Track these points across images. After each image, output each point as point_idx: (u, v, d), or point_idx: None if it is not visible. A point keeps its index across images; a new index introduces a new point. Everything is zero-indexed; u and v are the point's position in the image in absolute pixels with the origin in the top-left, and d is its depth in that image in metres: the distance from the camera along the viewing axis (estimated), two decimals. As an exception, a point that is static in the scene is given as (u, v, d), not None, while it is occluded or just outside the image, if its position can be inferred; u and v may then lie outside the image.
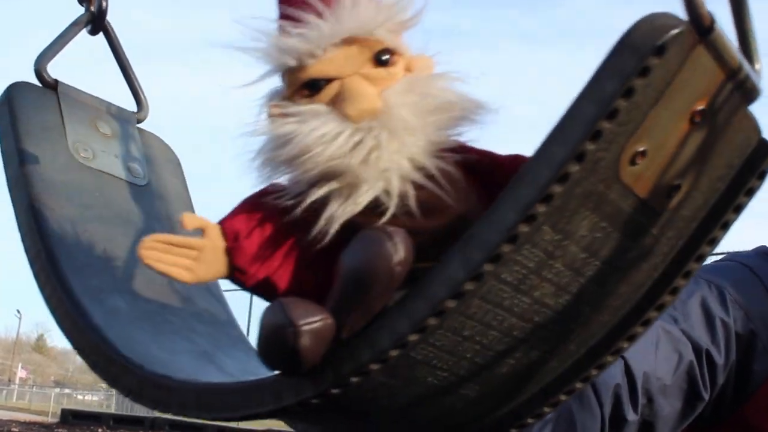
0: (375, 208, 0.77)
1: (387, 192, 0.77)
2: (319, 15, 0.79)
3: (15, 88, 1.33)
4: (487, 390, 0.81)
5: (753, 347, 1.43)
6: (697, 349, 1.38)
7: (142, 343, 1.01)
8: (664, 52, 0.61)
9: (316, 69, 0.80)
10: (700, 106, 0.68)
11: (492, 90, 0.84)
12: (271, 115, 0.82)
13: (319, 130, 0.77)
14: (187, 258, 0.79)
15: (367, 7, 0.80)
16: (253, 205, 0.83)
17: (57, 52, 1.45)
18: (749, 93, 0.72)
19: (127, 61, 1.60)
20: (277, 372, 0.76)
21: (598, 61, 0.63)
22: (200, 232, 0.81)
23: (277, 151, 0.79)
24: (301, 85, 0.81)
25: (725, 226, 0.78)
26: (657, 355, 1.34)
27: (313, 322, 0.70)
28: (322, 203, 0.78)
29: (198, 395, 0.83)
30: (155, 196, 1.41)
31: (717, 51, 0.66)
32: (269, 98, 0.84)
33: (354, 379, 0.70)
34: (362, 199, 0.77)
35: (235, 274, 0.82)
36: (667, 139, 0.68)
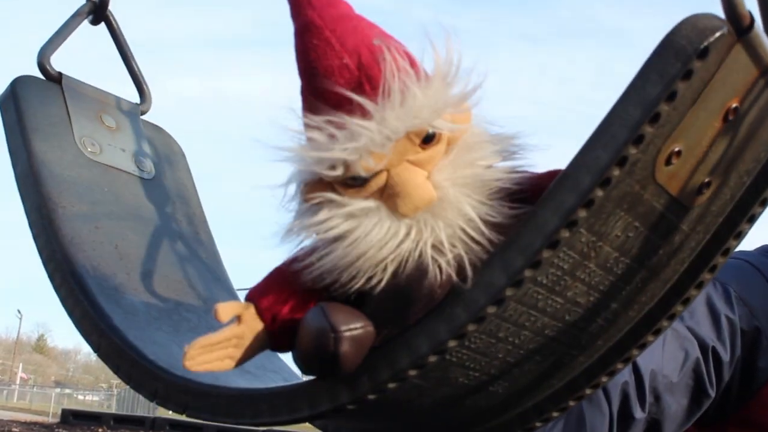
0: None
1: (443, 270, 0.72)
2: (366, 114, 0.71)
3: (19, 82, 1.31)
4: (515, 387, 0.81)
5: (758, 344, 1.44)
6: (703, 346, 1.39)
7: (162, 344, 1.00)
8: (708, 54, 0.61)
9: (363, 167, 0.72)
10: (735, 104, 0.68)
11: (491, 91, 0.78)
12: (307, 200, 0.76)
13: (375, 234, 0.72)
14: (228, 348, 0.77)
15: (419, 96, 0.71)
16: (281, 280, 0.80)
17: (59, 44, 1.43)
18: None
19: (130, 52, 1.57)
20: (309, 377, 0.76)
21: (642, 62, 0.62)
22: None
23: (326, 248, 0.74)
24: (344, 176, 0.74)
25: (751, 220, 0.79)
26: (664, 352, 1.35)
27: (354, 329, 0.70)
28: None
29: (229, 401, 0.82)
30: (163, 190, 1.40)
31: (754, 50, 0.66)
32: (303, 181, 0.76)
33: (391, 385, 0.70)
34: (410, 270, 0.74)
35: (275, 345, 0.80)
36: (701, 138, 0.68)
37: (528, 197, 0.73)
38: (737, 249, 1.67)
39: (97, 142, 1.35)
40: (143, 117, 1.53)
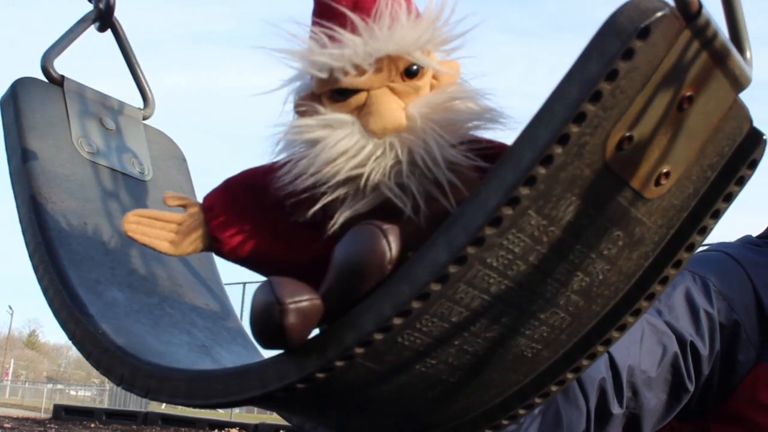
0: (381, 207, 0.80)
1: (400, 199, 0.79)
2: (355, 30, 0.80)
3: (20, 84, 1.35)
4: (477, 379, 0.80)
5: (737, 337, 1.43)
6: (681, 340, 1.38)
7: (138, 334, 1.01)
8: (648, 34, 0.61)
9: (346, 81, 0.80)
10: (688, 93, 0.68)
11: (483, 83, 0.85)
12: (297, 110, 0.85)
13: (343, 144, 0.79)
14: (170, 231, 0.85)
15: (405, 26, 0.80)
16: (232, 182, 0.88)
17: (64, 48, 1.47)
18: (738, 80, 0.71)
19: (135, 58, 1.61)
20: (263, 357, 0.77)
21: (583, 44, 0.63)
22: (183, 209, 0.86)
23: (301, 154, 0.82)
24: (330, 90, 0.82)
25: (716, 215, 0.78)
26: (641, 348, 1.34)
27: (300, 300, 0.71)
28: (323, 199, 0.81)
29: (188, 383, 0.83)
30: (158, 192, 1.42)
31: (705, 36, 0.66)
32: (297, 92, 0.85)
33: (339, 363, 0.70)
34: (371, 203, 0.80)
35: (214, 245, 0.87)
36: (654, 124, 0.67)
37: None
38: (719, 240, 1.66)
39: (94, 142, 1.38)
40: (146, 121, 1.56)
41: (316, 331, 0.74)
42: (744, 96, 0.74)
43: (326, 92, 0.82)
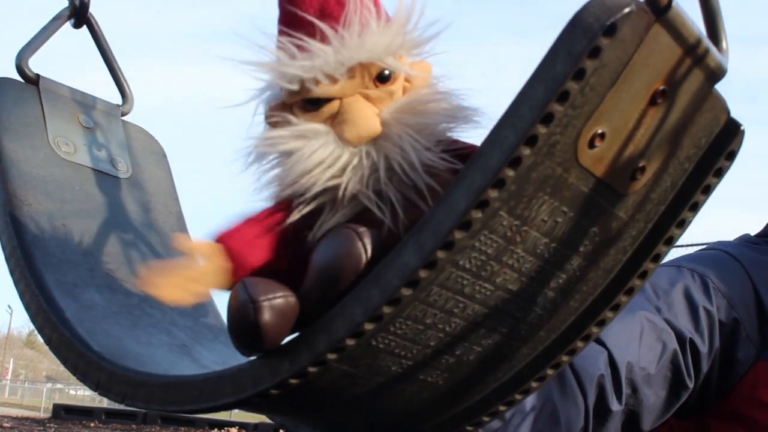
0: (361, 215, 0.78)
1: (378, 206, 0.77)
2: (325, 39, 0.78)
3: None
4: (455, 378, 0.80)
5: (736, 335, 1.43)
6: (680, 338, 1.38)
7: (115, 337, 1.00)
8: (615, 31, 0.60)
9: (318, 91, 0.79)
10: (661, 87, 0.67)
11: (479, 84, 0.84)
12: (268, 121, 0.83)
13: (318, 154, 0.77)
14: (190, 282, 0.77)
15: (376, 32, 0.79)
16: (252, 224, 0.81)
17: (39, 46, 1.44)
18: (714, 72, 0.70)
19: (112, 54, 1.59)
20: (241, 362, 0.76)
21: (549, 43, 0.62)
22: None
23: (276, 166, 0.80)
24: (301, 99, 0.80)
25: (694, 208, 0.77)
26: (641, 345, 1.34)
27: (273, 298, 0.71)
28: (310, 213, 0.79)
29: (163, 389, 0.82)
30: (138, 189, 1.41)
31: (676, 30, 0.65)
32: (267, 102, 0.83)
33: (312, 369, 0.69)
34: (352, 212, 0.78)
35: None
36: (627, 120, 0.66)
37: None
38: (718, 240, 1.66)
39: (72, 142, 1.36)
40: (125, 118, 1.54)
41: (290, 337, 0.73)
42: (720, 86, 0.73)
43: (298, 102, 0.81)
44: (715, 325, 1.42)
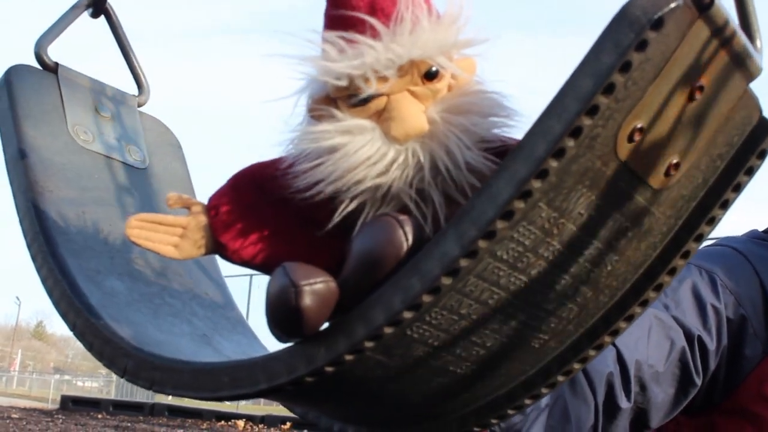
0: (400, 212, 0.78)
1: (418, 206, 0.78)
2: (376, 35, 0.77)
3: (14, 71, 1.33)
4: (483, 369, 0.80)
5: (744, 332, 1.44)
6: (689, 335, 1.38)
7: (139, 324, 1.00)
8: (662, 25, 0.61)
9: (366, 89, 0.77)
10: (699, 83, 0.67)
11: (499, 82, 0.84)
12: (311, 114, 0.82)
13: (365, 151, 0.77)
14: (173, 235, 0.82)
15: (427, 30, 0.77)
16: (238, 180, 0.85)
17: (58, 34, 1.45)
18: (749, 71, 0.71)
19: (129, 45, 1.59)
20: (263, 347, 0.77)
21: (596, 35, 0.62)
22: (186, 210, 0.83)
23: (318, 160, 0.79)
24: (348, 94, 0.79)
25: (724, 206, 0.78)
26: (649, 342, 1.35)
27: (314, 282, 0.71)
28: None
29: (193, 375, 0.82)
30: (155, 180, 1.41)
31: (716, 26, 0.65)
32: (310, 95, 0.82)
33: (348, 357, 0.69)
34: (392, 208, 0.78)
35: (219, 249, 0.84)
36: (665, 115, 0.67)
37: None
38: (725, 235, 1.66)
39: (90, 130, 1.36)
40: (141, 108, 1.55)
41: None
42: (754, 85, 0.73)
43: (343, 96, 0.80)
44: (722, 322, 1.43)
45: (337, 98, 0.80)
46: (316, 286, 0.71)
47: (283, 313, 0.71)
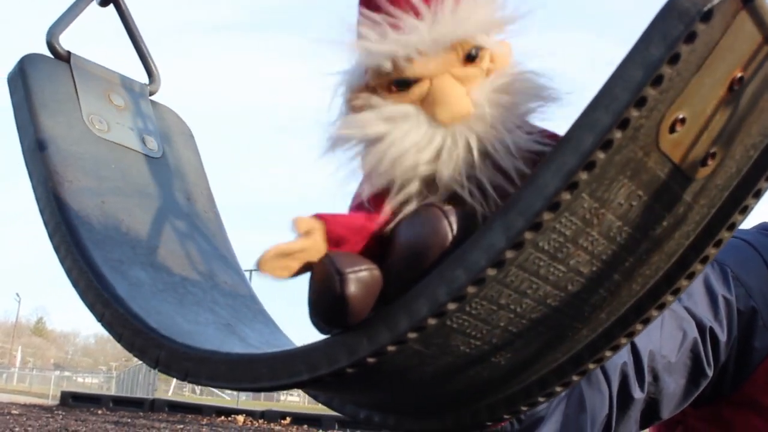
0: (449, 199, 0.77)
1: (470, 192, 0.76)
2: (418, 15, 0.75)
3: (28, 60, 1.32)
4: (517, 358, 0.81)
5: (754, 324, 1.44)
6: (701, 326, 1.39)
7: (166, 314, 1.00)
8: (711, 17, 0.61)
9: (411, 71, 0.75)
10: (740, 74, 0.67)
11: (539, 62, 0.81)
12: (351, 106, 0.80)
13: (411, 137, 0.75)
14: (295, 260, 0.75)
15: (467, 9, 0.75)
16: (353, 212, 0.80)
17: (69, 23, 1.43)
18: None
19: (138, 33, 1.58)
20: (285, 336, 0.76)
21: (645, 25, 0.62)
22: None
23: (364, 151, 0.77)
24: (388, 81, 0.77)
25: (758, 195, 0.78)
26: (662, 333, 1.35)
27: (359, 270, 0.71)
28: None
29: (229, 366, 0.82)
30: (170, 169, 1.41)
31: (759, 17, 0.65)
32: (349, 85, 0.80)
33: (391, 348, 0.70)
34: (441, 197, 0.77)
35: None
36: (706, 106, 0.67)
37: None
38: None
39: (105, 120, 1.36)
40: (152, 97, 1.54)
41: None
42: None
43: (384, 83, 0.77)
44: (733, 313, 1.43)
45: (376, 86, 0.78)
46: (360, 274, 0.70)
47: (328, 301, 0.71)
